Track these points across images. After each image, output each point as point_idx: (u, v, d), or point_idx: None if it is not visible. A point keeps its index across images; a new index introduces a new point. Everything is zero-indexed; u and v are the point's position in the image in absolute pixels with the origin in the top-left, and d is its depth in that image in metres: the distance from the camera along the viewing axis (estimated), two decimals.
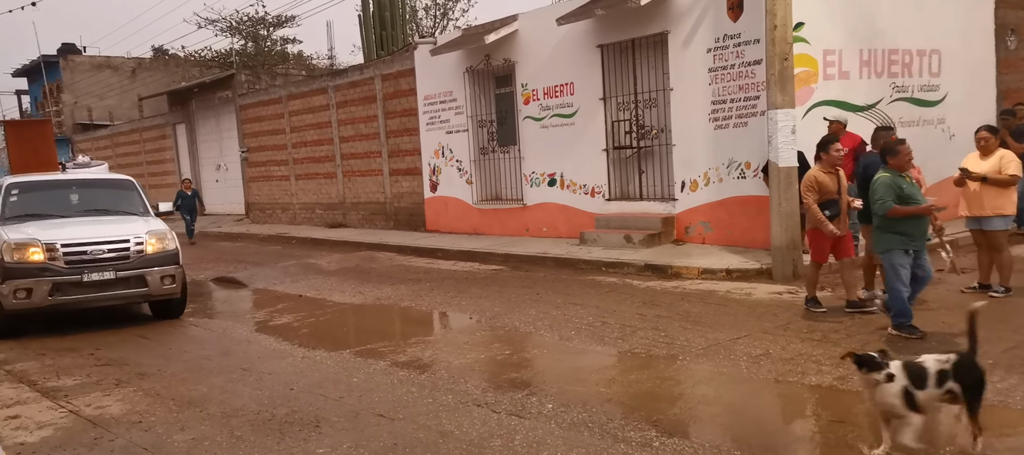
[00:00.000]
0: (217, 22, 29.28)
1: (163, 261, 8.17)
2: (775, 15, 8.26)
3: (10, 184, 8.93)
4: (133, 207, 9.16)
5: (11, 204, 8.66)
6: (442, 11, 27.56)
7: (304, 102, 18.41)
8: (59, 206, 8.86)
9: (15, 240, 7.81)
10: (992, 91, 11.73)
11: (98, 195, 9.27)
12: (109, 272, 7.87)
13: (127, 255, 8.00)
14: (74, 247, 7.83)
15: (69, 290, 7.78)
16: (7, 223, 8.33)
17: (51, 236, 7.87)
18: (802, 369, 5.36)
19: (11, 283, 7.67)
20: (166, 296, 8.30)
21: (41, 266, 7.71)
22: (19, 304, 7.70)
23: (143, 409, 5.36)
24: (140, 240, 8.11)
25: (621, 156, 11.69)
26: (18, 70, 36.20)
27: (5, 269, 7.69)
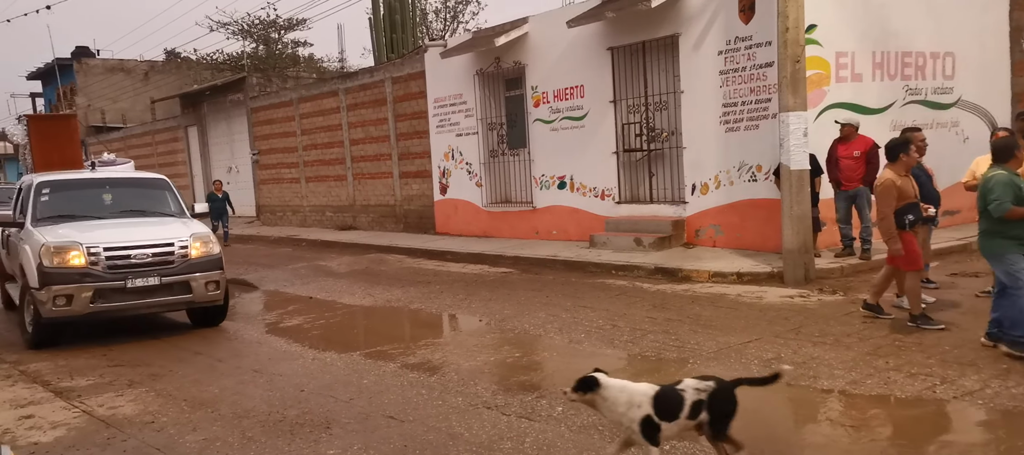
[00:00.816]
0: (229, 25, 29.47)
1: (207, 266, 7.64)
2: (787, 17, 8.22)
3: (41, 183, 8.30)
4: (169, 208, 8.63)
5: (42, 204, 8.08)
6: (452, 14, 27.64)
7: (315, 105, 18.49)
8: (92, 206, 8.28)
9: (54, 243, 7.23)
10: (1007, 94, 11.63)
11: (132, 195, 8.71)
12: (153, 278, 7.32)
13: (171, 260, 7.46)
14: (117, 251, 7.27)
15: (111, 297, 7.23)
16: (40, 224, 7.76)
17: (92, 239, 7.32)
18: (814, 373, 5.33)
19: (50, 289, 7.07)
20: (209, 303, 7.80)
21: (82, 271, 7.14)
22: (59, 312, 7.12)
23: (155, 410, 5.39)
24: (184, 244, 7.57)
25: (631, 159, 11.66)
26: (32, 73, 36.57)
27: (44, 274, 7.11)
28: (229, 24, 29.37)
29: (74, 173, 9.06)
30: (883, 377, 5.15)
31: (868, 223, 9.05)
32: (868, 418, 4.54)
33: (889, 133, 9.74)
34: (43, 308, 7.15)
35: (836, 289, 7.98)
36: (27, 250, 7.42)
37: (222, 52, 30.28)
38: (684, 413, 3.55)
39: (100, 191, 8.59)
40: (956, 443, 4.18)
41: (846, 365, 5.44)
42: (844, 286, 8.11)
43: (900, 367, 5.32)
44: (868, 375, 5.20)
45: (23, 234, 7.74)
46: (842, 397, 4.91)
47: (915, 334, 6.13)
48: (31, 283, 7.23)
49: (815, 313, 7.07)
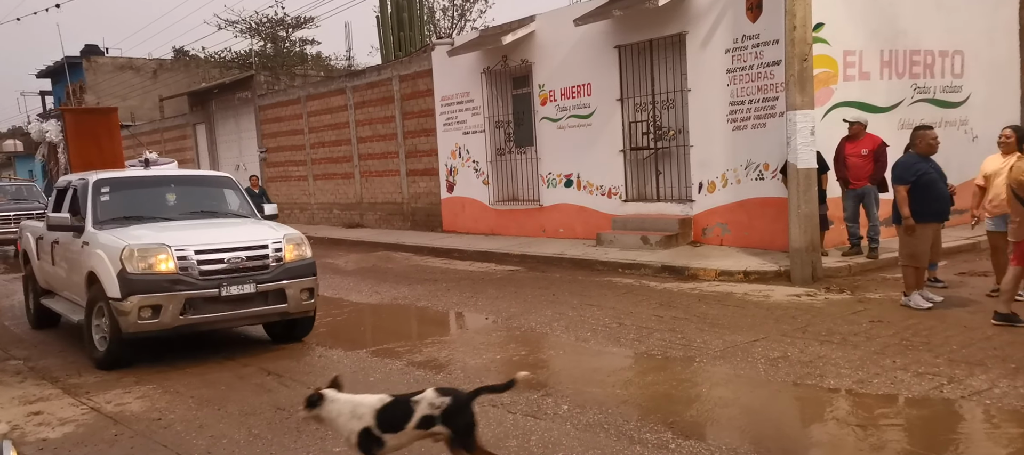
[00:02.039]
0: (237, 24, 29.58)
1: (302, 271, 6.72)
2: (794, 15, 8.19)
3: (99, 181, 7.30)
4: (238, 208, 7.68)
5: (103, 205, 7.12)
6: (459, 12, 27.65)
7: (322, 103, 18.54)
8: (158, 207, 7.40)
9: (139, 245, 6.29)
10: (1016, 92, 11.56)
11: (198, 194, 7.81)
12: (249, 285, 6.41)
13: (266, 264, 6.53)
14: (209, 254, 6.35)
15: (203, 307, 6.32)
16: (105, 227, 6.83)
17: (179, 240, 6.41)
18: (821, 372, 5.31)
19: (136, 299, 6.14)
20: (302, 314, 6.86)
21: (172, 278, 6.22)
22: (145, 325, 6.19)
23: (163, 406, 5.42)
24: (278, 246, 6.65)
25: (638, 157, 11.65)
26: (42, 71, 36.77)
27: (127, 282, 6.16)
28: (237, 22, 29.52)
29: (132, 171, 8.11)
30: (890, 376, 5.13)
31: (876, 222, 9.01)
32: (875, 417, 4.53)
33: (897, 132, 9.73)
34: (125, 321, 6.19)
35: (843, 288, 7.95)
36: (100, 255, 6.43)
37: (230, 50, 30.54)
38: (411, 424, 3.50)
39: (163, 190, 7.70)
40: (964, 443, 4.16)
41: (853, 364, 5.42)
42: (852, 285, 8.08)
43: (907, 366, 5.30)
44: (875, 374, 5.19)
45: (86, 237, 6.82)
46: (849, 396, 4.89)
47: (923, 333, 6.10)
48: (109, 293, 6.24)
49: (822, 312, 7.05)
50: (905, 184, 6.76)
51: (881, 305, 7.17)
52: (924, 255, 6.89)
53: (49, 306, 7.91)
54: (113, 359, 6.43)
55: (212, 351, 7.07)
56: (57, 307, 7.71)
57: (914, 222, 6.73)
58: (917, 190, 6.74)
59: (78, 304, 7.09)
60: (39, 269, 8.15)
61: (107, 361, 6.44)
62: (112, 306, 6.25)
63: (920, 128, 7.16)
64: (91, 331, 6.59)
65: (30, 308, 8.58)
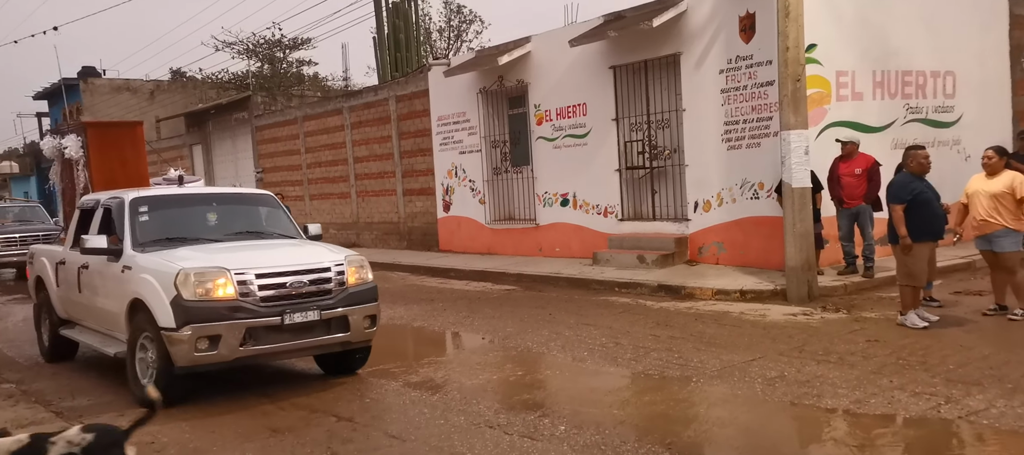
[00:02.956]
0: (234, 45, 29.68)
1: (365, 297, 6.17)
2: (787, 36, 8.28)
3: (136, 200, 6.68)
4: (284, 229, 7.08)
5: (143, 225, 6.50)
6: (456, 33, 27.85)
7: (319, 123, 18.60)
8: (200, 227, 6.78)
9: (195, 268, 5.67)
10: (1008, 112, 11.66)
11: (240, 213, 7.22)
12: (313, 312, 5.83)
13: (328, 289, 5.97)
14: (271, 278, 5.77)
15: (264, 337, 5.72)
16: (147, 250, 6.22)
17: (237, 263, 5.80)
18: (818, 392, 5.31)
19: (193, 329, 5.51)
20: (363, 343, 6.30)
21: (232, 304, 5.60)
22: (202, 358, 5.58)
23: (156, 430, 5.37)
24: (341, 269, 6.08)
25: (634, 176, 11.70)
26: (39, 93, 36.82)
27: (183, 310, 5.54)
28: (234, 43, 29.59)
29: (169, 189, 7.45)
30: (887, 396, 5.13)
31: (871, 241, 9.04)
32: (873, 438, 4.52)
33: (890, 151, 9.79)
34: (179, 353, 5.56)
35: (839, 307, 7.96)
36: (148, 281, 5.80)
37: (227, 71, 30.48)
38: None
39: (204, 209, 7.05)
40: None
41: (850, 384, 5.42)
42: (847, 304, 8.09)
43: (904, 386, 5.30)
44: (872, 394, 5.18)
45: (126, 261, 6.19)
46: (847, 416, 4.89)
47: (919, 353, 6.10)
48: (160, 322, 5.61)
49: (819, 331, 7.05)
50: (902, 204, 6.80)
51: (877, 324, 7.18)
52: (922, 274, 6.90)
53: (70, 337, 7.30)
54: (171, 396, 5.58)
55: (212, 377, 7.02)
56: (82, 339, 7.06)
57: (911, 241, 6.75)
58: (913, 210, 6.78)
59: (111, 336, 6.53)
60: (60, 297, 7.46)
61: None
62: (164, 337, 5.59)
63: (912, 148, 7.23)
64: (135, 366, 5.91)
65: (44, 340, 7.89)
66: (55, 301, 7.54)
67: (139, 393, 5.77)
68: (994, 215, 6.89)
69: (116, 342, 6.41)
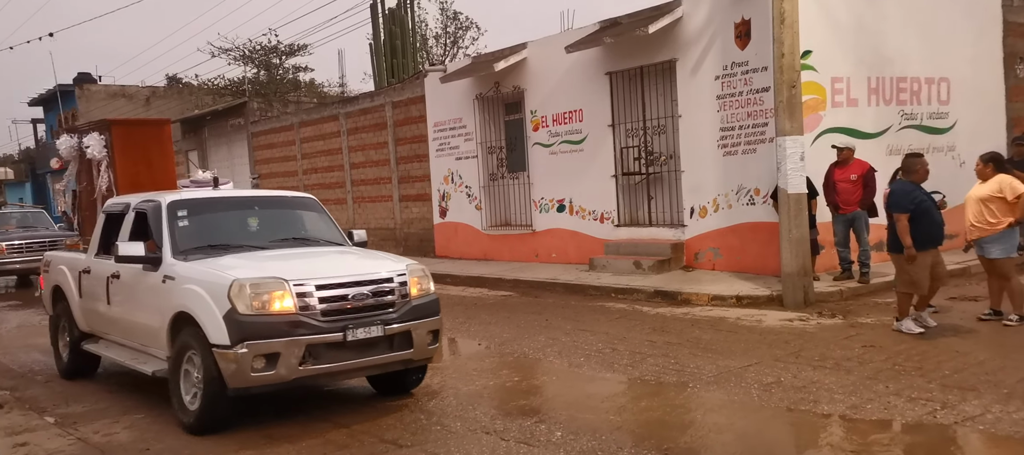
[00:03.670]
0: (230, 51, 29.70)
1: (428, 310, 5.66)
2: (783, 43, 8.31)
3: (174, 203, 6.13)
4: (330, 234, 6.56)
5: (182, 231, 5.94)
6: (452, 39, 27.90)
7: (315, 129, 18.59)
8: (243, 234, 6.28)
9: (251, 279, 5.14)
10: (1002, 119, 11.71)
11: (283, 218, 6.68)
12: (376, 327, 5.30)
13: (392, 302, 5.45)
14: (332, 290, 5.26)
15: (324, 355, 5.17)
16: (190, 258, 5.69)
17: (296, 273, 5.28)
18: (814, 397, 5.31)
19: (249, 346, 4.98)
20: (424, 361, 5.77)
21: (291, 319, 5.08)
22: (258, 379, 5.03)
23: (151, 437, 5.36)
24: (404, 279, 5.58)
25: (630, 182, 11.71)
26: (34, 99, 36.77)
27: (238, 324, 5.01)
28: (230, 50, 29.61)
29: (205, 191, 6.86)
30: (883, 402, 5.13)
31: (866, 246, 9.06)
32: (869, 443, 4.52)
33: (885, 158, 9.82)
34: (233, 373, 5.01)
35: (835, 312, 7.97)
36: (196, 292, 5.27)
37: (223, 77, 30.50)
38: None
39: (246, 214, 6.51)
40: None
41: (846, 389, 5.42)
42: (843, 310, 8.10)
43: (900, 391, 5.30)
44: (868, 399, 5.18)
45: (167, 271, 5.66)
46: (843, 422, 4.89)
47: (915, 358, 6.11)
48: (212, 338, 5.07)
49: (815, 337, 7.06)
50: (906, 212, 6.68)
51: (873, 330, 7.19)
52: (924, 282, 6.79)
53: (94, 352, 6.79)
54: (212, 420, 5.21)
55: None
56: (110, 355, 6.53)
57: (916, 251, 6.65)
58: (915, 219, 6.68)
59: (146, 352, 6.03)
60: (83, 309, 6.90)
61: (203, 423, 5.21)
62: (216, 355, 5.04)
63: (914, 156, 7.10)
64: (179, 387, 5.38)
65: (61, 355, 7.34)
66: (77, 313, 6.98)
67: (185, 418, 5.31)
68: (982, 220, 6.91)
69: (153, 359, 5.87)
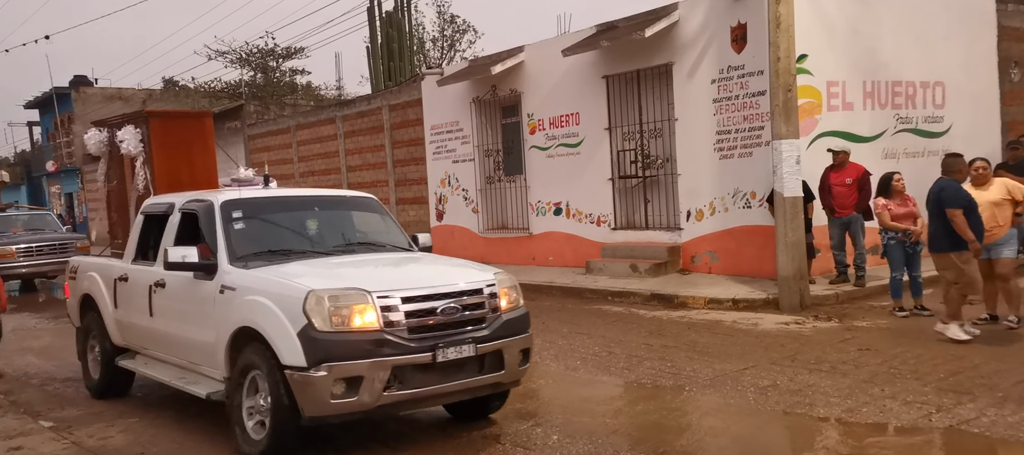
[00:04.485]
0: (227, 54, 29.69)
1: (519, 326, 4.98)
2: (778, 47, 8.33)
3: (228, 203, 5.45)
4: (395, 239, 5.94)
5: (238, 234, 5.29)
6: (449, 43, 27.93)
7: (312, 132, 18.58)
8: (304, 238, 5.65)
9: (330, 290, 4.48)
10: (997, 123, 11.75)
11: (345, 220, 6.01)
12: (468, 346, 4.63)
13: (482, 317, 4.78)
14: (420, 303, 4.60)
15: (411, 379, 4.51)
16: (251, 266, 5.04)
17: (378, 283, 4.64)
18: (810, 401, 5.32)
19: (329, 369, 4.32)
20: (512, 384, 5.10)
21: (376, 337, 4.43)
22: (339, 406, 4.38)
23: (146, 440, 5.34)
24: (493, 291, 4.90)
25: (627, 185, 11.72)
26: (30, 102, 36.67)
27: (316, 343, 4.36)
28: (227, 53, 29.61)
29: (260, 191, 6.07)
30: (879, 405, 5.14)
31: (862, 250, 9.09)
32: (865, 446, 4.52)
33: (881, 161, 9.86)
34: (310, 399, 4.36)
35: (831, 316, 7.99)
36: (263, 305, 4.61)
37: (220, 80, 30.50)
38: None
39: (305, 215, 5.85)
40: None
41: (842, 393, 5.43)
42: (839, 313, 8.12)
43: (896, 395, 5.31)
44: (864, 403, 5.19)
45: (224, 280, 5.00)
46: (839, 425, 4.90)
47: (911, 362, 6.13)
48: (285, 358, 4.41)
49: (811, 340, 7.07)
50: (961, 207, 6.49)
51: (869, 333, 7.20)
52: (978, 280, 6.65)
53: (132, 369, 6.15)
54: (280, 452, 4.55)
55: None
56: (152, 373, 5.85)
57: (972, 248, 6.44)
58: (965, 215, 6.48)
59: (197, 371, 5.36)
60: (118, 320, 6.20)
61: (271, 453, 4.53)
62: (289, 378, 4.39)
63: (954, 156, 6.96)
64: (241, 413, 4.71)
65: (91, 371, 6.66)
66: (110, 325, 6.27)
67: (248, 448, 4.65)
68: (995, 223, 6.88)
69: (206, 380, 5.23)
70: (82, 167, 31.60)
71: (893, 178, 7.69)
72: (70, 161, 33.08)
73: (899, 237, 7.56)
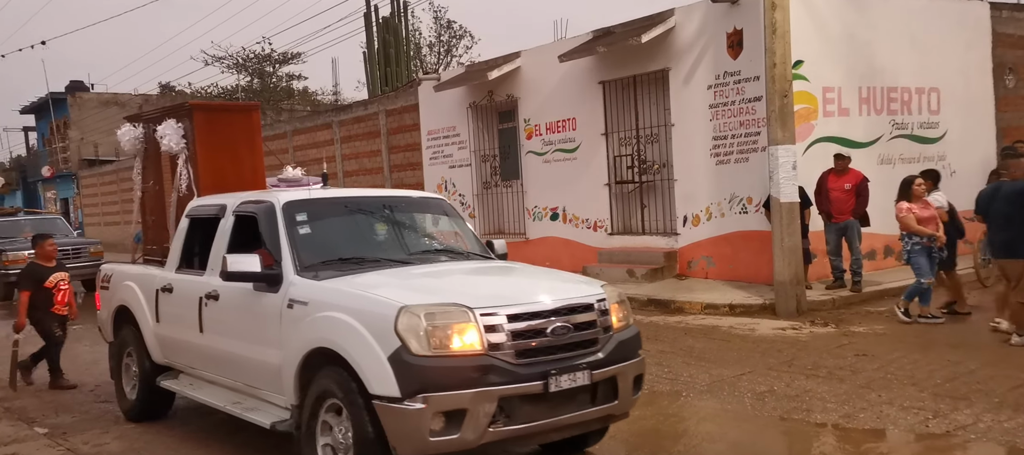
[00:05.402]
0: (224, 59, 29.67)
1: (632, 348, 4.31)
2: (774, 53, 8.36)
3: (291, 204, 4.82)
4: (472, 244, 5.35)
5: (304, 240, 4.67)
6: (446, 48, 27.97)
7: (308, 137, 18.57)
8: (374, 244, 5.02)
9: (426, 306, 3.83)
10: (992, 129, 11.80)
11: (416, 224, 5.36)
12: (582, 373, 3.97)
13: (594, 337, 4.11)
14: (526, 321, 3.93)
15: (520, 412, 3.83)
16: (322, 277, 4.39)
17: (479, 298, 3.96)
18: (807, 406, 5.31)
19: (428, 401, 3.67)
20: (623, 415, 4.38)
21: (481, 362, 3.78)
22: (438, 443, 3.72)
23: (141, 447, 5.31)
24: (604, 306, 4.22)
25: (623, 191, 11.74)
26: (26, 107, 36.61)
27: (412, 370, 3.70)
28: (224, 58, 29.59)
29: (325, 190, 5.45)
30: (876, 411, 5.14)
31: (858, 255, 9.10)
32: (862, 452, 4.52)
33: (876, 167, 9.89)
34: (405, 433, 3.72)
35: (828, 321, 7.99)
36: (345, 323, 3.95)
37: (217, 85, 30.44)
38: None
39: (374, 219, 5.18)
40: None
41: (839, 398, 5.43)
42: (836, 318, 8.12)
43: (893, 401, 5.31)
44: (861, 408, 5.19)
45: (292, 293, 4.36)
46: (836, 431, 4.89)
47: (908, 367, 6.13)
48: (375, 387, 3.76)
49: (808, 345, 7.07)
50: None
51: (866, 339, 7.21)
52: None
53: (176, 391, 5.56)
54: None
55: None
56: (201, 397, 5.21)
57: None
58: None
59: (257, 395, 4.73)
60: (160, 337, 5.60)
61: None
62: (379, 410, 3.74)
63: (1011, 155, 6.77)
64: (315, 448, 4.06)
65: (126, 392, 6.04)
66: (150, 341, 5.66)
67: None
68: None
69: (267, 406, 4.60)
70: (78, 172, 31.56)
71: (914, 182, 7.47)
72: (66, 166, 33.02)
73: (924, 242, 7.35)
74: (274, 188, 5.64)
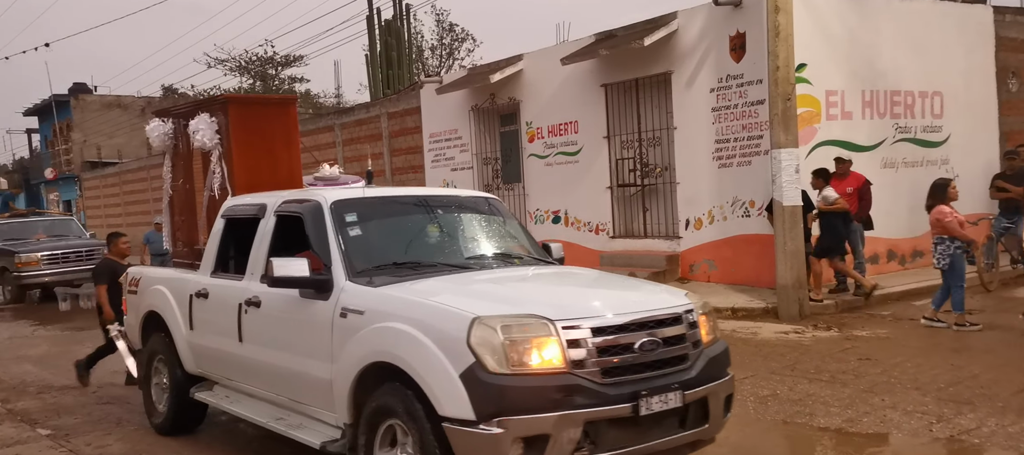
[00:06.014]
0: (226, 62, 29.75)
1: (722, 365, 3.97)
2: (777, 56, 8.35)
3: (338, 203, 4.44)
4: (529, 247, 4.94)
5: (355, 243, 4.30)
6: (448, 51, 28.03)
7: (310, 140, 18.58)
8: (428, 247, 4.64)
9: (503, 317, 3.48)
10: (995, 133, 11.78)
11: (470, 226, 4.92)
12: (674, 394, 3.60)
13: (684, 353, 3.75)
14: (612, 335, 3.56)
15: (607, 438, 3.48)
16: (377, 283, 4.03)
17: (560, 309, 3.59)
18: (810, 411, 5.30)
19: (507, 425, 3.31)
20: (710, 440, 4.03)
21: (564, 381, 3.41)
22: None
23: (144, 448, 5.31)
24: (693, 319, 3.85)
25: (625, 194, 11.73)
26: (29, 109, 36.69)
27: (487, 389, 3.35)
28: (227, 61, 29.68)
29: (371, 190, 4.99)
30: (880, 415, 5.12)
31: (862, 259, 9.08)
32: None
33: (879, 170, 9.87)
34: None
35: (831, 325, 7.98)
36: (409, 335, 3.59)
37: (219, 88, 30.54)
38: None
39: (426, 220, 4.77)
40: None
41: (842, 402, 5.41)
42: (839, 322, 8.10)
43: (896, 405, 5.30)
44: (865, 413, 5.18)
45: (345, 301, 4.00)
46: (839, 435, 4.88)
47: (911, 371, 6.11)
48: (445, 408, 3.41)
49: (810, 349, 7.06)
50: None
51: (869, 342, 7.19)
52: None
53: (211, 403, 5.19)
54: None
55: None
56: (239, 411, 4.86)
57: None
58: None
59: (302, 411, 4.35)
60: (194, 345, 5.23)
61: None
62: (450, 434, 3.40)
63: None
64: None
65: (156, 404, 5.67)
66: (183, 349, 5.29)
67: None
68: None
69: (315, 424, 4.22)
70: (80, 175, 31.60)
71: (949, 184, 7.32)
72: (69, 168, 33.07)
73: (963, 248, 7.21)
74: (311, 187, 5.13)
